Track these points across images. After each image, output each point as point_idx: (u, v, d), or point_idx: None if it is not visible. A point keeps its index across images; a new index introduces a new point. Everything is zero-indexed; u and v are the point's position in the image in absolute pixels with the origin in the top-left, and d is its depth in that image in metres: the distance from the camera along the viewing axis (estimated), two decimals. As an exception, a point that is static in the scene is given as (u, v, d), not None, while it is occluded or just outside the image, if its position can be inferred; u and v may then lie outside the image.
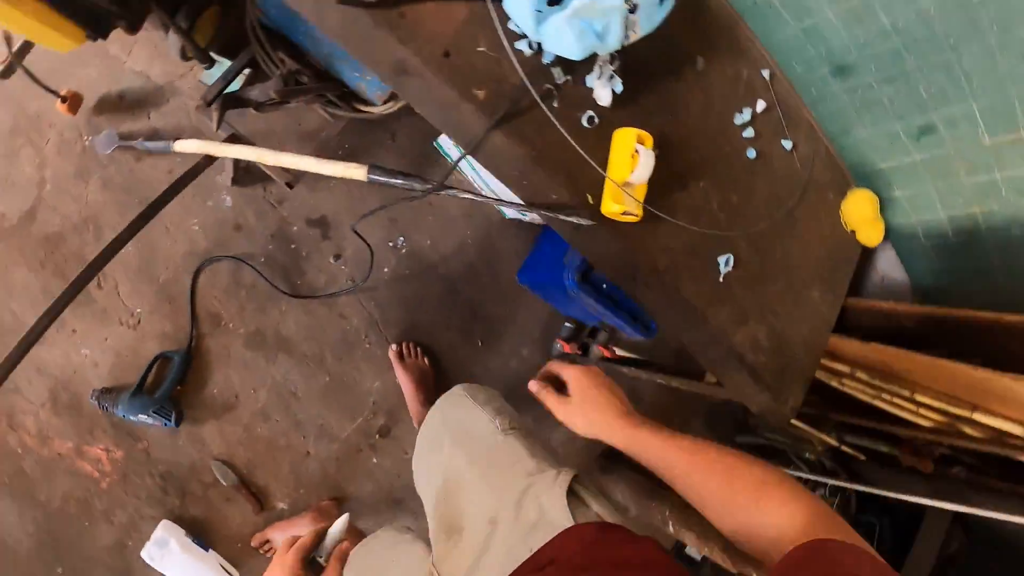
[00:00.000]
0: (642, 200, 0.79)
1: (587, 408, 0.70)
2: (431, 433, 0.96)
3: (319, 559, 0.66)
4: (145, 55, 1.36)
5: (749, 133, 0.98)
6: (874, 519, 1.66)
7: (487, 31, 0.73)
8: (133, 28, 0.98)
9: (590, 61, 0.79)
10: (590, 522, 0.68)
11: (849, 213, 1.12)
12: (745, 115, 0.97)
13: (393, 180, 0.81)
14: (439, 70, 0.70)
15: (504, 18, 0.72)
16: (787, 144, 1.04)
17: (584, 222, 0.76)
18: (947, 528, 1.34)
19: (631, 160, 0.76)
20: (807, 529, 0.48)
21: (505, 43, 0.72)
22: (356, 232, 1.45)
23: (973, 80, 0.84)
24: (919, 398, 1.25)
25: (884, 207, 1.15)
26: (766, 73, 1.01)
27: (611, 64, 0.77)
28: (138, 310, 1.36)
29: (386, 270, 1.59)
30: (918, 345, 1.20)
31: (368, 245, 1.45)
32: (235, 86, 1.22)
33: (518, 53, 0.75)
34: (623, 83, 0.80)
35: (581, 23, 0.67)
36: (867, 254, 1.22)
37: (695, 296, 0.90)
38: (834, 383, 1.46)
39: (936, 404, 1.22)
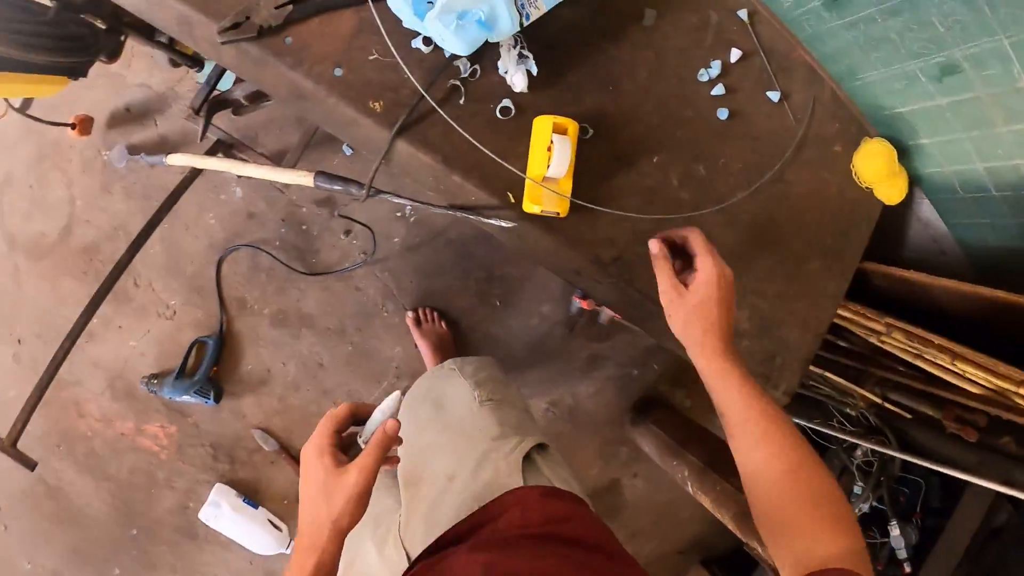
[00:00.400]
0: (569, 193, 0.73)
1: (699, 313, 0.61)
2: (416, 394, 1.00)
3: (360, 442, 0.57)
4: (144, 67, 1.42)
5: (719, 90, 0.85)
6: (920, 478, 1.54)
7: (379, 38, 0.67)
8: (112, 58, 1.02)
9: (498, 45, 0.71)
10: (537, 486, 0.70)
11: (862, 167, 0.96)
12: (713, 69, 0.84)
13: (334, 186, 0.81)
14: (332, 89, 0.67)
15: (394, 21, 0.67)
16: (774, 96, 0.89)
17: (506, 224, 0.72)
18: (992, 501, 1.20)
19: (548, 153, 0.70)
20: (843, 556, 0.49)
21: (392, 49, 0.67)
22: (343, 216, 1.48)
23: (1000, 9, 0.66)
24: (959, 365, 1.11)
25: (911, 155, 0.97)
26: (743, 14, 0.86)
27: (515, 46, 0.69)
28: (172, 302, 1.50)
29: (396, 240, 1.61)
30: (952, 313, 1.04)
31: (365, 225, 1.47)
32: (227, 83, 1.24)
33: (415, 52, 0.69)
34: (542, 61, 0.72)
35: (458, 18, 0.60)
36: (903, 203, 1.04)
37: (651, 286, 0.83)
38: (872, 340, 1.33)
39: (979, 374, 1.08)
